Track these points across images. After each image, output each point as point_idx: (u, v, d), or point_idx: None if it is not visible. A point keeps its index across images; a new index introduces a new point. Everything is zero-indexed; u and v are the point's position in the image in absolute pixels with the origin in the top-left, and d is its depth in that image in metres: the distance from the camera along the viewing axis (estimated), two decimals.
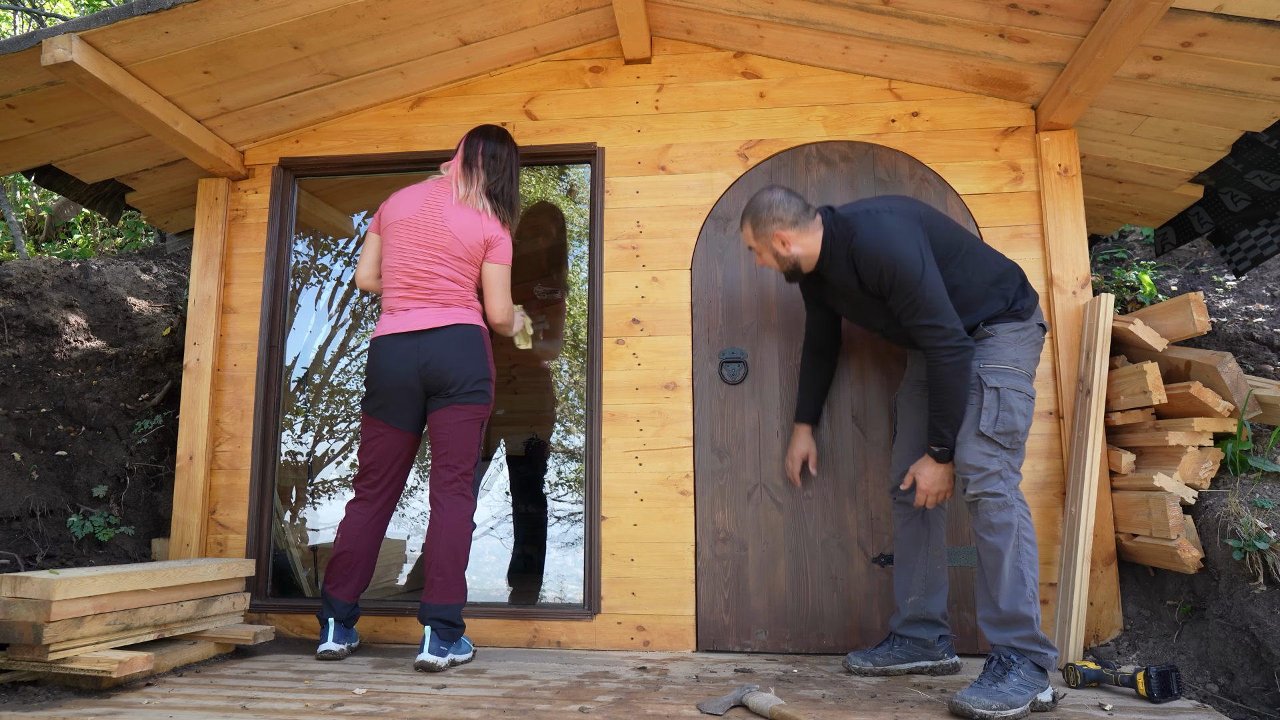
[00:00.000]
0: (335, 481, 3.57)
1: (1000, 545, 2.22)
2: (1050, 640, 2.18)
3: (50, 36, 2.56)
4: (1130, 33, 2.43)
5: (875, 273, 2.36)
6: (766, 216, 2.47)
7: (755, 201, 2.51)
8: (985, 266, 2.45)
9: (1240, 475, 2.61)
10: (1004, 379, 2.34)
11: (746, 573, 2.93)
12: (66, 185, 3.46)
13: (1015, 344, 2.39)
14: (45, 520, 3.27)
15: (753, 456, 3.00)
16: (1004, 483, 2.27)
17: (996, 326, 2.41)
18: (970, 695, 2.06)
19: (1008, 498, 2.25)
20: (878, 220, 2.38)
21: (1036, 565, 2.23)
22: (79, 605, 2.22)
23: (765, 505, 2.96)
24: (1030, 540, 2.24)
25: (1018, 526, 2.23)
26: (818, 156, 3.16)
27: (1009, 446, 2.30)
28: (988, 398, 2.32)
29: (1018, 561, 2.21)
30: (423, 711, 2.08)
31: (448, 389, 2.67)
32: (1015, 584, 2.19)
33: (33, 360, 3.74)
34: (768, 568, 2.92)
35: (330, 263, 3.66)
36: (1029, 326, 2.43)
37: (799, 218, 2.46)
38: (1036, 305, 2.47)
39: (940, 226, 2.44)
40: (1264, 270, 3.73)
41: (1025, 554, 2.22)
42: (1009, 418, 2.30)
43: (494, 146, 2.84)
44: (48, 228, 6.17)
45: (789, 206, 2.46)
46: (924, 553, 2.55)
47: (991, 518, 2.24)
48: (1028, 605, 2.17)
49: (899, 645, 2.54)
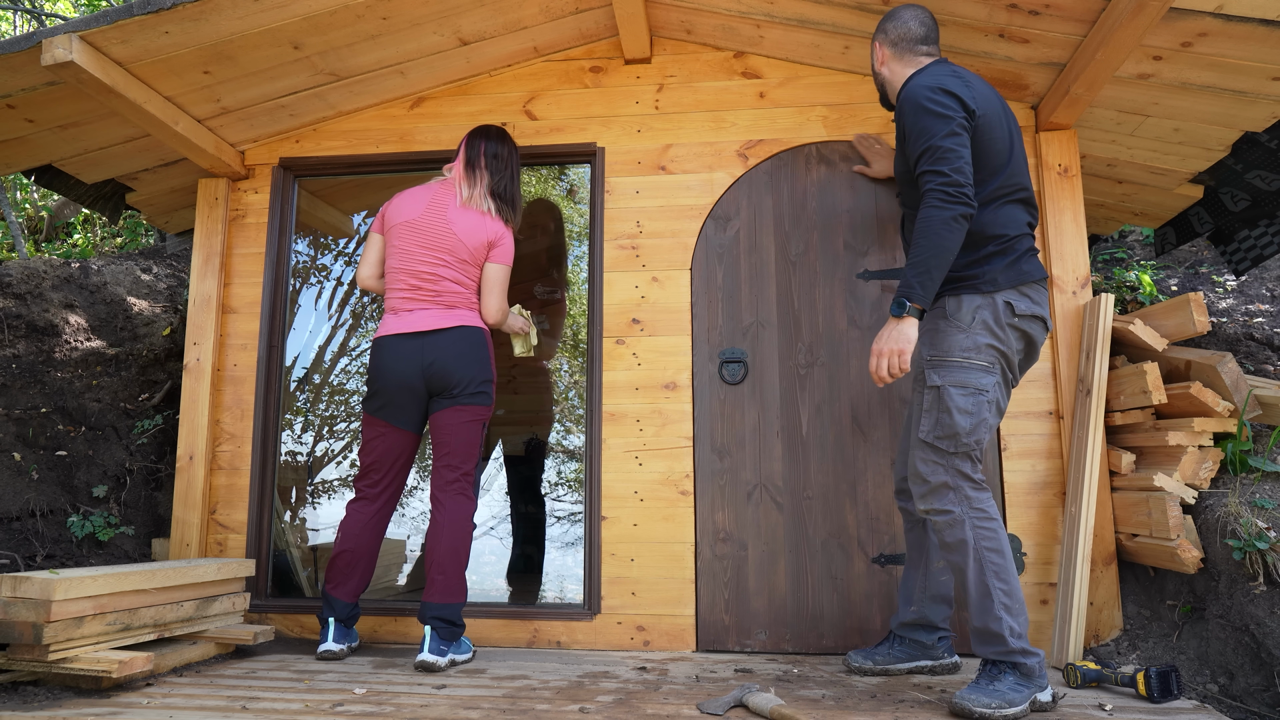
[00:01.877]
0: (335, 481, 3.57)
1: (959, 563, 2.14)
2: (1028, 647, 2.09)
3: (50, 36, 2.56)
4: (1130, 33, 2.43)
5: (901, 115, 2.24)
6: (883, 24, 2.46)
7: (891, 10, 2.49)
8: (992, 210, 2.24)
9: (1240, 475, 2.61)
10: (947, 375, 2.17)
11: (746, 573, 2.93)
12: (66, 185, 3.46)
13: (969, 328, 2.18)
14: (45, 520, 3.27)
15: (753, 456, 3.00)
16: (952, 495, 2.15)
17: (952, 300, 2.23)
18: (969, 694, 2.05)
19: (956, 514, 2.14)
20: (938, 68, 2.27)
21: (1006, 571, 2.12)
22: (79, 605, 2.22)
23: (765, 505, 2.96)
24: (994, 548, 2.12)
25: (974, 541, 2.12)
26: (818, 156, 3.16)
27: (953, 451, 2.15)
28: (927, 398, 2.20)
29: (981, 576, 2.11)
30: (423, 711, 2.08)
31: (450, 390, 2.67)
32: (981, 600, 2.11)
33: (33, 360, 3.74)
34: (767, 568, 2.92)
35: (330, 263, 3.66)
36: (991, 304, 2.20)
37: (900, 42, 2.40)
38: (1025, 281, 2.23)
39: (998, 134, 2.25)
40: (1264, 270, 3.73)
41: (989, 565, 2.11)
42: (948, 421, 2.15)
43: (495, 146, 2.85)
44: (48, 228, 6.17)
45: (903, 27, 2.41)
46: (925, 560, 2.50)
47: (945, 536, 2.17)
48: (997, 621, 2.09)
49: (899, 645, 2.53)
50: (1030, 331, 2.24)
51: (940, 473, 2.17)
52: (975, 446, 2.17)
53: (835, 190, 3.13)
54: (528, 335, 2.98)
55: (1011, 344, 2.21)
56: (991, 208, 2.25)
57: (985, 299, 2.20)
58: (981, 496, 2.16)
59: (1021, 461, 2.87)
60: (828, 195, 3.12)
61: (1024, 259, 2.25)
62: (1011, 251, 2.24)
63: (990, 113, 2.24)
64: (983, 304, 2.20)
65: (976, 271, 2.22)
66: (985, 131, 2.23)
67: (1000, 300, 2.20)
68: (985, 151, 2.24)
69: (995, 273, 2.21)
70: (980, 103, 2.23)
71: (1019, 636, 2.09)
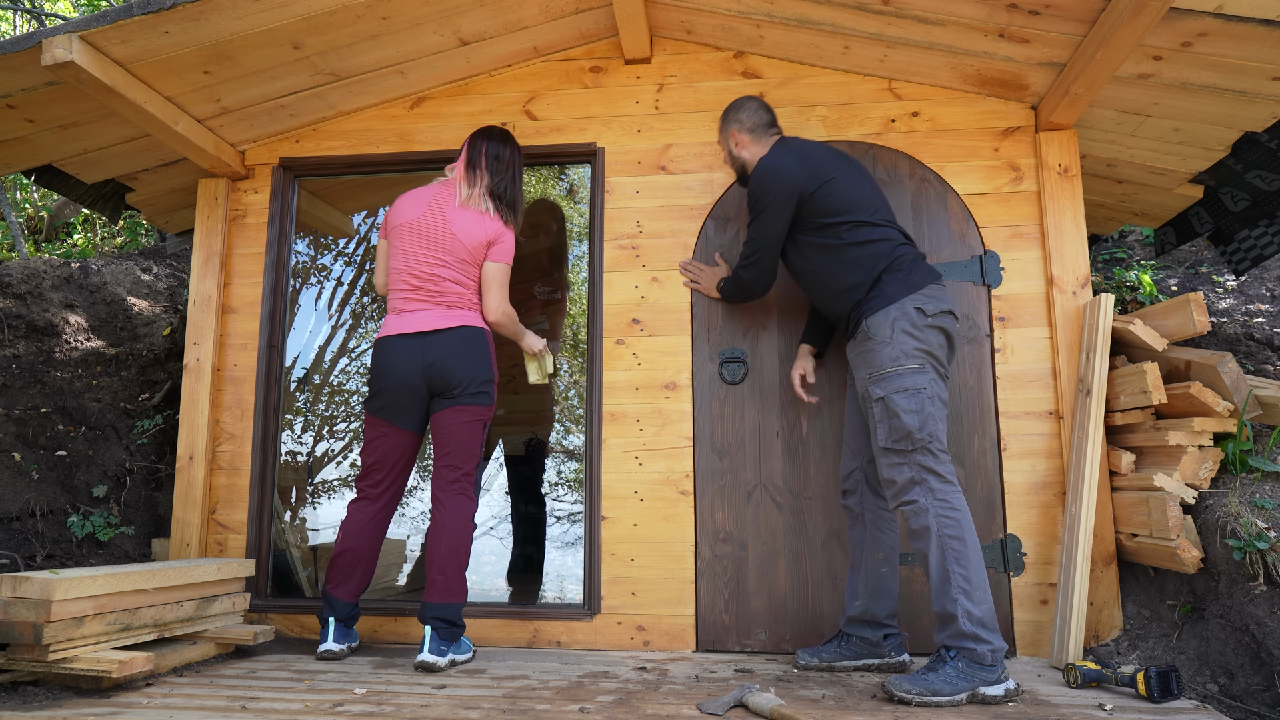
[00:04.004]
0: (335, 481, 3.57)
1: (924, 549, 2.29)
2: (983, 634, 2.17)
3: (50, 36, 2.56)
4: (1130, 33, 2.43)
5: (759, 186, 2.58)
6: (731, 115, 2.76)
7: (730, 103, 2.80)
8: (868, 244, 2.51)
9: (1240, 475, 2.61)
10: (886, 385, 2.38)
11: (746, 573, 2.93)
12: (66, 185, 3.46)
13: (891, 340, 2.40)
14: (45, 520, 3.27)
15: (753, 456, 2.99)
16: (918, 488, 2.31)
17: (869, 321, 2.45)
18: (899, 680, 2.17)
19: (921, 503, 2.30)
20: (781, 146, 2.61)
21: (967, 558, 2.24)
22: (79, 605, 2.22)
23: (765, 505, 2.96)
24: (955, 535, 2.25)
25: (936, 528, 2.27)
26: None
27: (910, 449, 2.33)
28: (876, 410, 2.40)
29: (943, 561, 2.25)
30: (423, 711, 2.08)
31: (451, 390, 2.67)
32: (941, 584, 2.24)
33: (33, 360, 3.74)
34: (768, 568, 2.92)
35: (330, 263, 3.66)
36: (902, 311, 2.41)
37: (756, 128, 2.73)
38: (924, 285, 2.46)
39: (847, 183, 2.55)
40: (1264, 270, 3.73)
41: (950, 550, 2.24)
42: (898, 424, 2.34)
43: (497, 147, 2.85)
44: (48, 228, 6.17)
45: (753, 115, 2.74)
46: (868, 558, 2.58)
47: (911, 524, 2.32)
48: (953, 603, 2.21)
49: (847, 643, 2.59)
50: (945, 327, 2.45)
51: (905, 470, 2.34)
52: (930, 439, 2.33)
53: None
54: (542, 359, 2.94)
55: (932, 342, 2.41)
56: (871, 240, 2.52)
57: (895, 308, 2.43)
58: (946, 489, 2.31)
59: (1021, 461, 2.87)
60: None
61: (913, 269, 2.49)
62: (898, 267, 2.49)
63: (838, 171, 2.56)
64: (896, 314, 2.42)
65: (876, 292, 2.47)
66: (841, 185, 2.54)
67: (909, 306, 2.42)
68: (847, 199, 2.53)
69: (892, 287, 2.46)
70: (821, 170, 2.55)
71: (976, 622, 2.19)
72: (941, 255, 3.03)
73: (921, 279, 2.47)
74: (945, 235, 3.04)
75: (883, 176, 3.11)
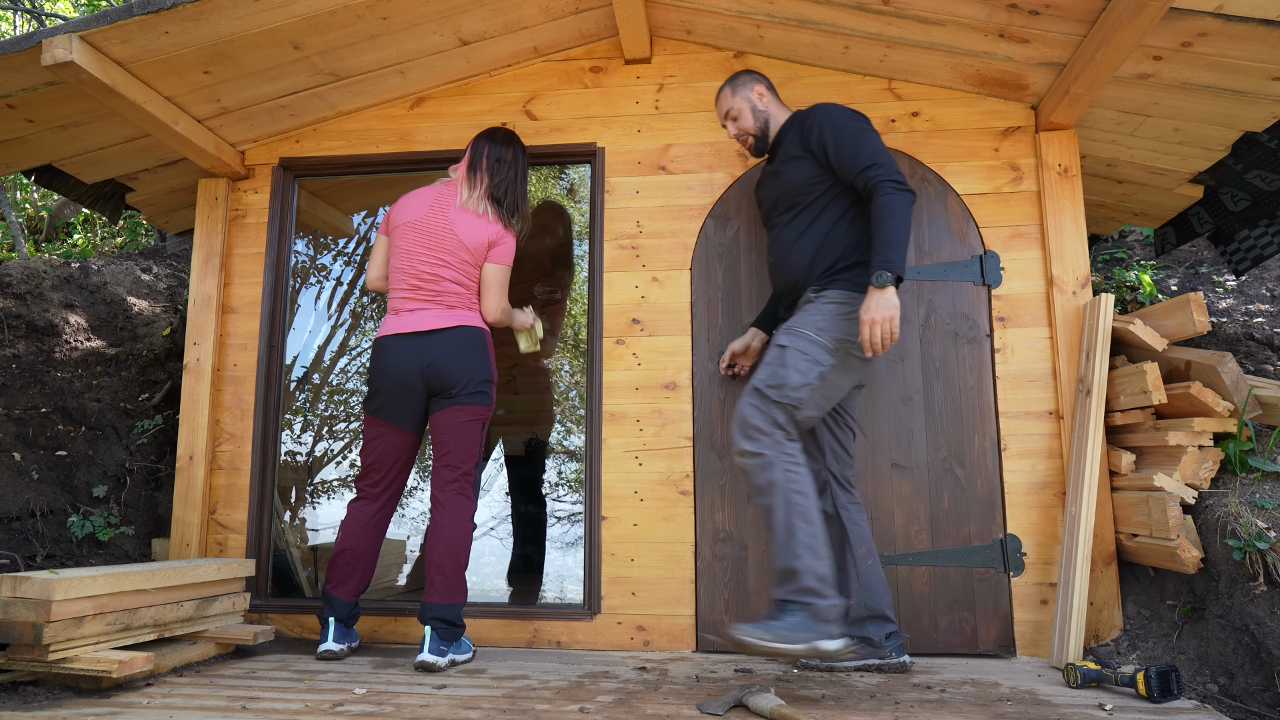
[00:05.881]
0: (335, 481, 3.57)
1: (768, 504, 2.28)
2: (823, 590, 2.18)
3: (50, 36, 2.56)
4: (1130, 33, 2.43)
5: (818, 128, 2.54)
6: (744, 77, 2.78)
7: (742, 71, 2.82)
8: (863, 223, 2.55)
9: (1240, 475, 2.61)
10: (795, 339, 2.40)
11: (747, 573, 2.93)
12: (66, 185, 3.46)
13: (831, 316, 2.43)
14: (45, 520, 3.27)
15: None
16: (767, 440, 2.31)
17: (829, 291, 2.47)
18: (748, 627, 2.15)
19: (768, 456, 2.30)
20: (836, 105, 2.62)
21: (811, 512, 2.25)
22: (79, 605, 2.22)
23: None
24: (800, 492, 2.26)
25: (782, 483, 2.27)
26: None
27: (776, 400, 2.34)
28: (772, 354, 2.42)
29: (788, 516, 2.24)
30: (423, 711, 2.08)
31: (450, 390, 2.67)
32: (785, 540, 2.24)
33: (33, 360, 3.74)
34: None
35: (330, 263, 3.66)
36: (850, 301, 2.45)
37: (770, 89, 2.79)
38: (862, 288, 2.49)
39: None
40: (1264, 270, 3.73)
41: (795, 506, 2.25)
42: (782, 373, 2.35)
43: (499, 150, 2.84)
44: (48, 228, 6.17)
45: (764, 79, 2.79)
46: (853, 554, 2.57)
47: (756, 479, 2.31)
48: (795, 558, 2.21)
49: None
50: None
51: (759, 416, 2.34)
52: (796, 405, 2.35)
53: None
54: (532, 330, 2.98)
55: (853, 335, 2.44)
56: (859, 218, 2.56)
57: (852, 296, 2.46)
58: (793, 447, 2.33)
59: (1021, 461, 2.87)
60: None
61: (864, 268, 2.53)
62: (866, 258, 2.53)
63: None
64: (845, 300, 2.45)
65: (849, 275, 2.50)
66: None
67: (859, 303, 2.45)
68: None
69: (859, 274, 2.50)
70: None
71: (819, 579, 2.20)
72: (942, 255, 3.03)
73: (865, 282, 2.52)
74: (946, 235, 3.04)
75: None
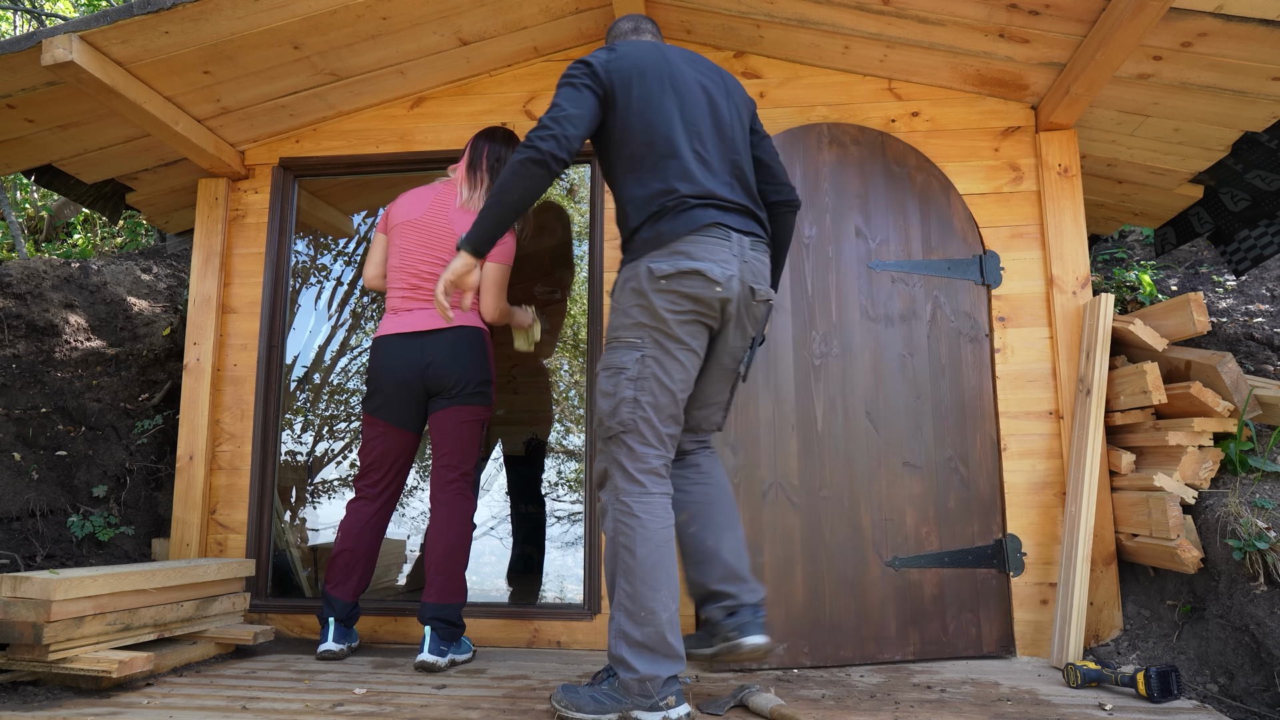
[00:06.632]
0: (335, 481, 3.57)
1: (608, 552, 2.04)
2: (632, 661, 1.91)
3: (50, 36, 2.56)
4: (1130, 33, 2.43)
5: None
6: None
7: None
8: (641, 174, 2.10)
9: (1240, 475, 2.61)
10: (601, 360, 2.10)
11: (762, 579, 2.82)
12: (66, 185, 3.46)
13: (621, 305, 2.07)
14: (45, 520, 3.27)
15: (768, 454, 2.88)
16: (607, 486, 2.05)
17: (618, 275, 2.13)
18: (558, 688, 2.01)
19: (604, 502, 2.05)
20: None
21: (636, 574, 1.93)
22: (79, 605, 2.22)
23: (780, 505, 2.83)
24: (626, 545, 1.96)
25: (612, 534, 2.01)
26: (829, 137, 3.13)
27: (605, 436, 2.05)
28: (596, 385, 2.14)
29: (613, 572, 2.00)
30: (423, 711, 2.08)
31: (449, 390, 2.67)
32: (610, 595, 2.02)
33: (33, 360, 3.74)
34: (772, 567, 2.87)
35: (330, 263, 3.66)
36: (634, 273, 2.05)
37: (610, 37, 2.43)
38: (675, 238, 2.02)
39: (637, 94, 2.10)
40: (1264, 270, 3.73)
41: (620, 563, 1.97)
42: (597, 407, 2.08)
43: (499, 149, 2.84)
44: (48, 228, 6.17)
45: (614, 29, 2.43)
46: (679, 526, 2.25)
47: (603, 524, 2.07)
48: (613, 620, 1.97)
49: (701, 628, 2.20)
50: (688, 291, 2.01)
51: (601, 461, 2.11)
52: (622, 429, 2.02)
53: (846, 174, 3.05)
54: (530, 330, 2.97)
55: (661, 310, 2.01)
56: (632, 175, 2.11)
57: (632, 269, 2.06)
58: (632, 489, 2.00)
59: (1021, 461, 2.87)
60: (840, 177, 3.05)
61: (665, 219, 2.05)
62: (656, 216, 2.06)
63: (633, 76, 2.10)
64: (630, 275, 2.06)
65: (629, 247, 2.11)
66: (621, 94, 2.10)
67: (643, 267, 2.03)
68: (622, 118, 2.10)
69: (640, 241, 2.07)
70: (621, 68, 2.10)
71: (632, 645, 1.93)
72: (948, 251, 3.02)
73: (670, 231, 2.03)
74: (949, 232, 3.03)
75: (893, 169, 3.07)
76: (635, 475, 2.01)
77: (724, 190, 2.11)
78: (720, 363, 2.18)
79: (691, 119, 2.13)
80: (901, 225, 3.03)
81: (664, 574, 1.94)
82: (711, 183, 2.09)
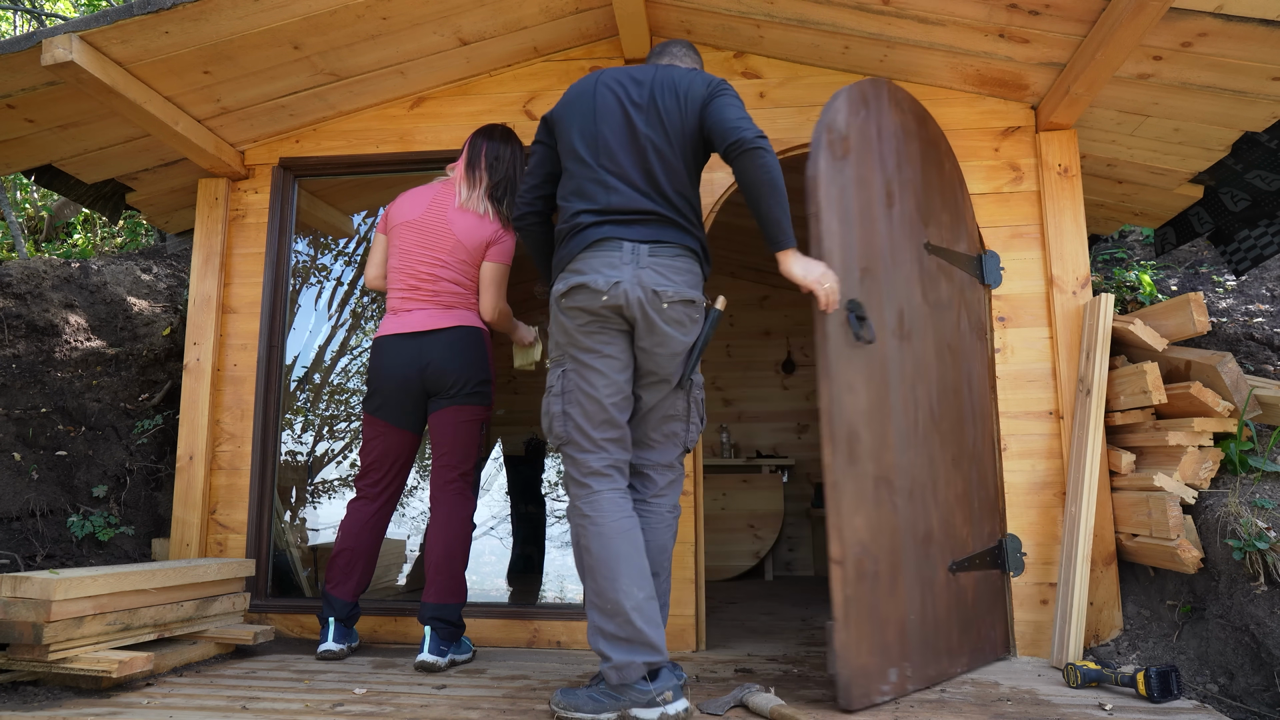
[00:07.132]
0: (335, 481, 3.57)
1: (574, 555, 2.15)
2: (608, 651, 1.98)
3: (50, 36, 2.56)
4: (1130, 33, 2.43)
5: None
6: None
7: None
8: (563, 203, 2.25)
9: (1240, 475, 2.61)
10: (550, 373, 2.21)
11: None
12: (66, 185, 3.46)
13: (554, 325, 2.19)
14: (45, 520, 3.27)
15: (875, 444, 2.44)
16: (570, 487, 2.16)
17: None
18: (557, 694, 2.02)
19: (569, 508, 2.15)
20: None
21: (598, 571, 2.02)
22: (79, 605, 2.22)
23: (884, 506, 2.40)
24: (585, 547, 2.06)
25: (574, 535, 2.12)
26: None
27: (555, 449, 2.18)
28: None
29: (580, 570, 2.11)
30: (423, 711, 2.08)
31: (449, 390, 2.67)
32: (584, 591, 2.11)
33: (33, 360, 3.74)
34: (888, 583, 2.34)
35: (330, 263, 3.66)
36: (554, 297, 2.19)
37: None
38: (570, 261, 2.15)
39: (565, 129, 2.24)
40: (1264, 270, 3.73)
41: (584, 563, 2.08)
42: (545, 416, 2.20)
43: (497, 148, 2.83)
44: (48, 228, 6.17)
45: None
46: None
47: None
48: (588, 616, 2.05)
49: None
50: (579, 304, 2.12)
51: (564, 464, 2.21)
52: (560, 442, 2.16)
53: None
54: (531, 349, 2.96)
55: (568, 326, 2.15)
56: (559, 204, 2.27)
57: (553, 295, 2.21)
58: (580, 493, 2.12)
59: (1021, 461, 2.87)
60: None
61: (566, 242, 2.19)
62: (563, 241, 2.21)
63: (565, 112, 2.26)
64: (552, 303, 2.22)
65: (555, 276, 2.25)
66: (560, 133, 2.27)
67: (554, 290, 2.19)
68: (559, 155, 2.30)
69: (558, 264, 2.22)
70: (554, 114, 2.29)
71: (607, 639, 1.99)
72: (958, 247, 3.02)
73: (570, 252, 2.17)
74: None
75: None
76: (581, 480, 2.14)
77: (627, 202, 2.15)
78: (644, 367, 2.19)
79: (601, 139, 2.20)
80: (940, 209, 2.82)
81: (621, 564, 2.02)
82: (613, 198, 2.15)
